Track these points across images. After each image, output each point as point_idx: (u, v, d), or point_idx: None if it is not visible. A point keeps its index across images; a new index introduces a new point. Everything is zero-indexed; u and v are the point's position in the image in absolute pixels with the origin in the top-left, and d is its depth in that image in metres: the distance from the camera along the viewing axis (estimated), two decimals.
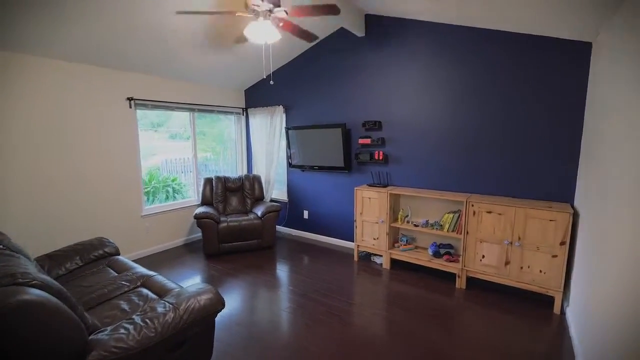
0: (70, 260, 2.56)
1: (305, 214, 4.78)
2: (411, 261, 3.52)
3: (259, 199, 4.75)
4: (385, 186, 3.79)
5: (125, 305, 2.03)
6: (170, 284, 2.26)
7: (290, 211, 4.96)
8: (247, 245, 4.15)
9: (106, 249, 2.78)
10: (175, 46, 3.43)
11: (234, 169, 5.37)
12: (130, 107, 3.76)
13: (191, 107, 4.49)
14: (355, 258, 3.93)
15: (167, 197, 4.71)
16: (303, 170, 4.68)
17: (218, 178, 4.59)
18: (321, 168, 4.42)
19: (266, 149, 4.94)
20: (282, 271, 3.68)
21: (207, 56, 3.81)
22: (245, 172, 5.40)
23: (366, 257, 3.97)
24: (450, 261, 3.28)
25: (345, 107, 4.18)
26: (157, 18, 2.88)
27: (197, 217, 3.88)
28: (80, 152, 3.39)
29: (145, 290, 2.20)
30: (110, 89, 3.57)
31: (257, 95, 5.12)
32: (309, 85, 4.47)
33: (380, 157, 3.86)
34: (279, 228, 5.12)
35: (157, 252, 4.16)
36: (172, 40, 3.31)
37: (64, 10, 2.53)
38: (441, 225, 3.38)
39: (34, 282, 1.38)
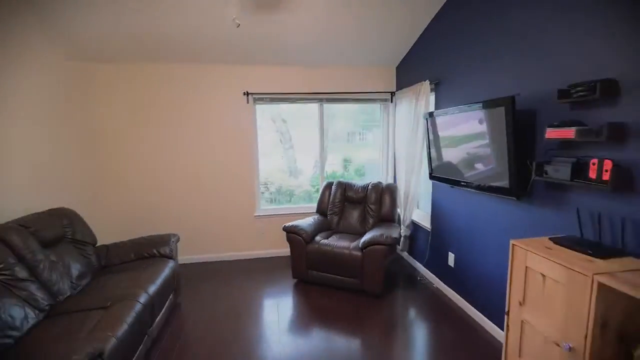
0: (129, 253, 2.65)
1: (450, 259, 2.85)
2: None
3: (387, 219, 3.33)
4: (606, 256, 1.39)
5: (59, 332, 1.71)
6: (117, 327, 1.73)
7: (432, 246, 3.16)
8: (340, 282, 2.96)
9: (161, 250, 2.69)
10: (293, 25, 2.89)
11: (379, 175, 4.16)
12: (248, 102, 3.59)
13: (319, 98, 3.78)
14: None
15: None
16: (452, 186, 2.77)
17: (339, 184, 3.63)
18: (470, 185, 2.40)
19: (406, 148, 3.38)
20: (374, 352, 2.20)
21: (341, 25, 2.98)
22: (390, 179, 4.04)
23: None
24: None
25: (519, 65, 1.96)
26: None
27: (286, 230, 3.15)
28: (197, 150, 3.58)
29: (94, 319, 1.80)
30: (226, 85, 3.53)
31: (407, 71, 3.59)
32: (468, 40, 2.50)
33: (604, 175, 1.45)
34: (418, 266, 3.44)
35: (260, 257, 3.84)
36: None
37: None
38: None
39: None
